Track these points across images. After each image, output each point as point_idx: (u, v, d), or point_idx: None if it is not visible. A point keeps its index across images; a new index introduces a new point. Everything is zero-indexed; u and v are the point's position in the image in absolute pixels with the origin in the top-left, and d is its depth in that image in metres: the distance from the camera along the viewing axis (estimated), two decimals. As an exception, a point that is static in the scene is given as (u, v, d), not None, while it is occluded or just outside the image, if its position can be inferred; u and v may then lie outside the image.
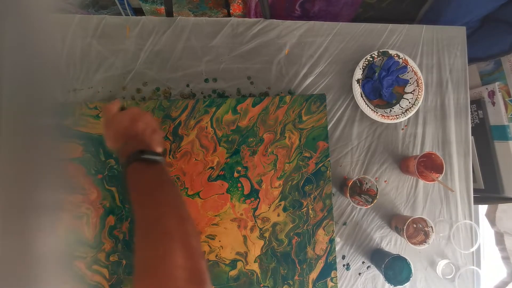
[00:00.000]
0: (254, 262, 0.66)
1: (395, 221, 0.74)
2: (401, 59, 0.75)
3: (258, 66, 0.74)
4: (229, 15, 1.10)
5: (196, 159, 0.65)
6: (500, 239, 0.97)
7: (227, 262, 0.65)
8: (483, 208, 1.02)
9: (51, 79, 0.29)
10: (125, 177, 0.44)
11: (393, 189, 0.77)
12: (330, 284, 0.68)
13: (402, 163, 0.76)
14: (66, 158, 0.61)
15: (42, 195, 0.27)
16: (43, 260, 0.26)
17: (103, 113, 0.54)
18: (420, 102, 0.75)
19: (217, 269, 0.65)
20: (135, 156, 0.44)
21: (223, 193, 0.66)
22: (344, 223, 0.74)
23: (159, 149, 0.51)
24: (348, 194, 0.67)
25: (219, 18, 0.74)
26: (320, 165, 0.69)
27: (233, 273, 0.65)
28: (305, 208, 0.68)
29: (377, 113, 0.73)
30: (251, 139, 0.67)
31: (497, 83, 0.89)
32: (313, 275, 0.67)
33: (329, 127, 0.74)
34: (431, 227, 0.68)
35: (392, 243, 0.76)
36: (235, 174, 0.66)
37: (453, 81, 0.81)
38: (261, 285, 0.66)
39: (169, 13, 0.73)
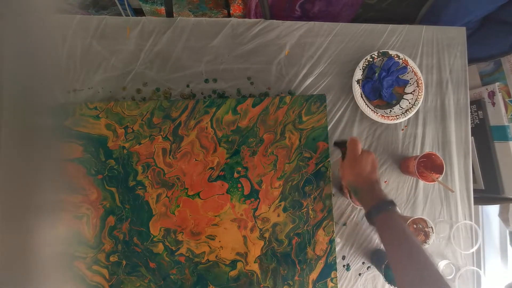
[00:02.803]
0: (254, 262, 0.66)
1: (395, 222, 0.73)
2: (401, 60, 0.75)
3: (258, 66, 0.74)
4: (229, 15, 1.10)
5: (196, 160, 0.65)
6: None
7: (227, 262, 0.65)
8: (494, 209, 1.02)
9: (51, 79, 0.29)
10: (373, 223, 0.55)
11: (393, 189, 0.77)
12: (330, 284, 0.68)
13: (402, 163, 0.76)
14: (66, 158, 0.61)
15: (42, 195, 0.27)
16: (43, 260, 0.26)
17: (350, 148, 0.62)
18: (420, 102, 0.75)
19: (217, 269, 0.65)
20: (385, 205, 0.54)
21: (223, 194, 0.66)
22: (344, 224, 0.74)
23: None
24: (348, 195, 0.67)
25: (219, 18, 0.74)
26: (320, 166, 0.69)
27: (233, 273, 0.65)
28: (305, 209, 0.68)
29: (377, 113, 0.73)
30: (251, 139, 0.67)
31: (497, 84, 0.89)
32: (313, 275, 0.67)
33: (329, 128, 0.74)
34: (431, 227, 0.68)
35: (392, 243, 0.76)
36: (235, 175, 0.66)
37: (453, 81, 0.81)
38: (261, 285, 0.66)
39: (169, 14, 0.73)
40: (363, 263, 0.74)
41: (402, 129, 0.78)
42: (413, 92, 0.76)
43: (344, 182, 0.65)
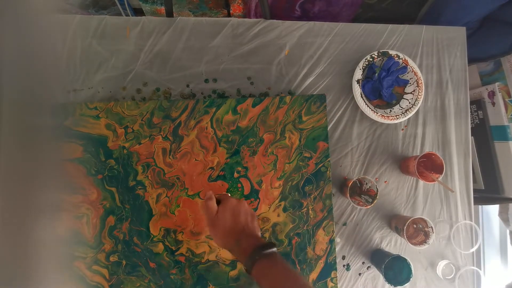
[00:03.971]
0: (254, 262, 0.66)
1: (395, 222, 0.73)
2: (401, 60, 0.75)
3: (258, 66, 0.74)
4: (229, 15, 1.10)
5: (196, 160, 0.65)
6: None
7: (227, 262, 0.65)
8: (494, 208, 1.02)
9: (51, 79, 0.29)
10: (253, 276, 0.48)
11: (393, 189, 0.77)
12: (330, 284, 0.68)
13: (402, 163, 0.76)
14: (66, 158, 0.61)
15: (42, 195, 0.27)
16: (43, 260, 0.26)
17: (206, 212, 0.56)
18: (420, 102, 0.75)
19: (217, 269, 0.65)
20: (256, 254, 0.48)
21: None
22: (344, 224, 0.74)
23: (259, 233, 0.55)
24: (348, 195, 0.67)
25: (219, 18, 0.74)
26: (320, 166, 0.69)
27: (233, 273, 0.65)
28: (305, 209, 0.68)
29: (377, 113, 0.73)
30: (251, 139, 0.67)
31: (497, 84, 0.89)
32: (313, 275, 0.67)
33: (329, 128, 0.74)
34: (431, 227, 0.68)
35: (392, 243, 0.76)
36: (235, 175, 0.66)
37: (453, 81, 0.81)
38: (261, 285, 0.66)
39: (169, 14, 0.73)
40: (363, 263, 0.74)
41: (402, 129, 0.78)
42: (413, 92, 0.76)
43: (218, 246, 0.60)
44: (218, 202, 0.56)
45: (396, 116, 0.74)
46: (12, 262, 0.24)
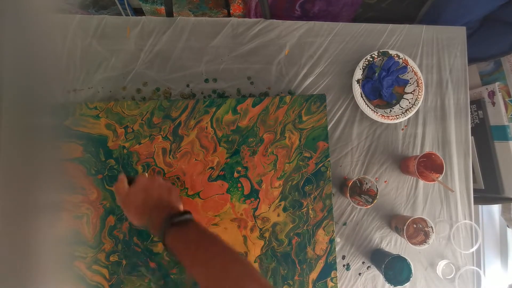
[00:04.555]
0: (254, 262, 0.66)
1: (395, 221, 0.74)
2: (401, 59, 0.75)
3: (258, 66, 0.74)
4: (229, 15, 1.10)
5: (196, 159, 0.65)
6: None
7: (227, 262, 0.65)
8: (494, 208, 1.02)
9: (51, 79, 0.29)
10: (168, 248, 0.45)
11: (393, 189, 0.77)
12: (330, 284, 0.68)
13: (402, 163, 0.76)
14: (66, 158, 0.61)
15: (42, 195, 0.27)
16: (43, 260, 0.26)
17: (116, 194, 0.55)
18: (420, 102, 0.75)
19: (217, 269, 0.65)
20: (166, 225, 0.45)
21: (223, 193, 0.66)
22: (344, 223, 0.74)
23: (181, 206, 0.52)
24: (348, 194, 0.67)
25: (219, 18, 0.74)
26: (320, 165, 0.69)
27: (233, 273, 0.65)
28: (305, 208, 0.68)
29: (377, 113, 0.73)
30: (251, 139, 0.67)
31: (497, 83, 0.89)
32: (313, 275, 0.67)
33: (329, 127, 0.74)
34: (431, 227, 0.68)
35: (392, 243, 0.76)
36: (235, 174, 0.66)
37: (453, 81, 0.81)
38: (261, 285, 0.66)
39: (169, 13, 0.73)
40: (363, 262, 0.74)
41: (402, 129, 0.78)
42: (413, 92, 0.76)
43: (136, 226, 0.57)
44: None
45: (396, 116, 0.74)
46: (12, 261, 0.24)
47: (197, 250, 0.42)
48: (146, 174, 0.62)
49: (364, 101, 0.73)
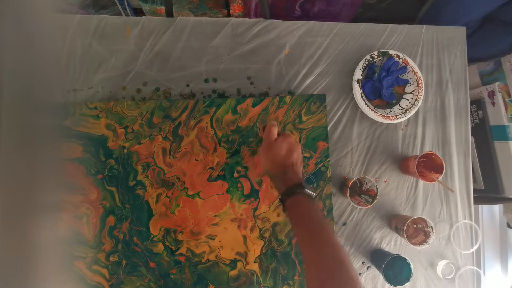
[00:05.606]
0: (254, 262, 0.66)
1: (395, 221, 0.74)
2: (401, 59, 0.75)
3: (258, 66, 0.74)
4: (229, 15, 1.10)
5: (196, 159, 0.65)
6: None
7: (227, 262, 0.65)
8: (494, 208, 1.02)
9: (51, 79, 0.29)
10: (285, 207, 0.53)
11: (393, 189, 0.77)
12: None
13: (402, 163, 0.76)
14: (66, 158, 0.61)
15: (42, 195, 0.27)
16: (43, 260, 0.26)
17: (265, 136, 0.59)
18: (420, 102, 0.75)
19: (217, 269, 0.65)
20: (297, 189, 0.52)
21: (223, 193, 0.66)
22: (344, 223, 0.74)
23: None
24: (348, 194, 0.67)
25: (219, 18, 0.74)
26: (320, 165, 0.69)
27: (233, 273, 0.65)
28: (305, 208, 0.68)
29: (377, 113, 0.73)
30: (251, 139, 0.67)
31: (497, 83, 0.89)
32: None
33: (329, 127, 0.74)
34: (431, 227, 0.68)
35: (392, 243, 0.76)
36: (235, 174, 0.66)
37: (453, 81, 0.81)
38: (261, 285, 0.66)
39: (169, 13, 0.73)
40: (363, 263, 0.74)
41: (402, 129, 0.78)
42: (413, 92, 0.76)
43: (259, 170, 0.63)
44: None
45: (396, 116, 0.74)
46: (12, 261, 0.24)
47: (309, 226, 0.49)
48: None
49: (364, 101, 0.73)
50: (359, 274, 0.73)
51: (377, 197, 0.67)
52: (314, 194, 0.54)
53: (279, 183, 0.55)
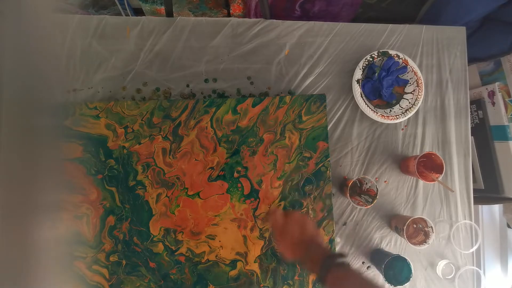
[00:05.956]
0: (254, 262, 0.66)
1: (395, 221, 0.74)
2: (401, 59, 0.75)
3: (258, 66, 0.74)
4: (229, 15, 1.10)
5: (196, 159, 0.65)
6: None
7: (227, 262, 0.65)
8: (494, 208, 1.02)
9: (51, 79, 0.29)
10: (325, 283, 0.50)
11: (393, 189, 0.77)
12: None
13: (402, 163, 0.76)
14: (66, 158, 0.61)
15: (42, 195, 0.27)
16: (43, 260, 0.26)
17: (271, 226, 0.61)
18: (420, 102, 0.75)
19: (217, 269, 0.65)
20: (330, 263, 0.50)
21: (223, 193, 0.66)
22: (344, 223, 0.74)
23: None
24: (348, 194, 0.67)
25: (219, 18, 0.74)
26: (320, 165, 0.69)
27: (233, 273, 0.65)
28: (305, 208, 0.68)
29: (377, 113, 0.73)
30: (251, 139, 0.67)
31: (497, 83, 0.89)
32: (313, 275, 0.67)
33: (329, 127, 0.74)
34: (431, 227, 0.68)
35: (392, 243, 0.76)
36: (235, 174, 0.66)
37: (453, 81, 0.81)
38: (261, 285, 0.66)
39: (169, 13, 0.73)
40: (363, 263, 0.74)
41: (402, 129, 0.78)
42: (413, 92, 0.76)
43: (287, 260, 0.63)
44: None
45: (396, 116, 0.74)
46: (12, 261, 0.24)
47: None
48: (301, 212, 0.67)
49: (364, 101, 0.73)
50: (359, 274, 0.73)
51: (377, 197, 0.67)
52: (346, 258, 0.53)
53: (308, 265, 0.54)
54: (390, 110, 0.76)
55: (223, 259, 0.65)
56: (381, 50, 0.75)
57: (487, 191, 0.92)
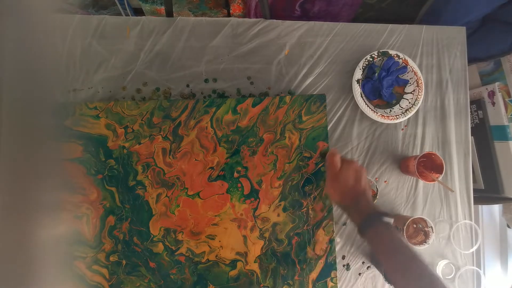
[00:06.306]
0: (254, 262, 0.66)
1: (395, 221, 0.74)
2: (401, 59, 0.75)
3: (258, 66, 0.74)
4: (229, 15, 1.10)
5: (196, 159, 0.65)
6: None
7: (227, 262, 0.65)
8: (494, 208, 1.02)
9: (51, 79, 0.29)
10: (365, 236, 0.53)
11: (393, 189, 0.77)
12: (330, 284, 0.68)
13: (402, 163, 0.76)
14: (66, 158, 0.61)
15: (42, 195, 0.27)
16: (43, 260, 0.26)
17: (327, 167, 0.60)
18: (420, 102, 0.75)
19: (217, 269, 0.65)
20: (376, 218, 0.52)
21: (223, 193, 0.66)
22: (344, 223, 0.74)
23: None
24: (348, 194, 0.67)
25: (219, 18, 0.74)
26: (320, 165, 0.69)
27: (233, 273, 0.65)
28: (305, 208, 0.68)
29: (377, 113, 0.73)
30: (251, 139, 0.67)
31: (497, 83, 0.89)
32: (313, 275, 0.67)
33: (329, 127, 0.74)
34: (431, 227, 0.68)
35: (392, 243, 0.76)
36: (235, 174, 0.66)
37: (453, 81, 0.81)
38: (261, 285, 0.66)
39: (169, 13, 0.73)
40: (363, 262, 0.74)
41: (402, 129, 0.78)
42: (413, 92, 0.76)
43: (332, 202, 0.63)
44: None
45: (396, 116, 0.74)
46: (12, 261, 0.24)
47: (401, 258, 0.49)
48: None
49: (364, 101, 0.73)
50: (359, 274, 0.73)
51: (377, 197, 0.67)
52: (391, 220, 0.54)
53: (353, 214, 0.55)
54: (390, 110, 0.76)
55: (223, 259, 0.65)
56: (381, 50, 0.75)
57: (487, 191, 0.93)
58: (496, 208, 1.05)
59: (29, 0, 0.26)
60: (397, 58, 0.75)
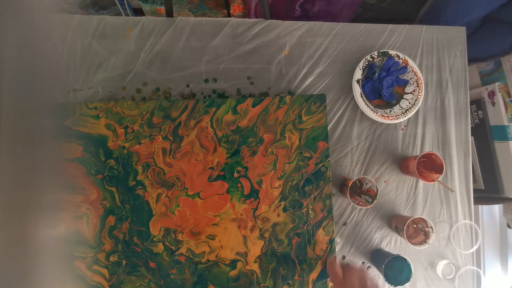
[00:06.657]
0: (254, 262, 0.66)
1: (395, 221, 0.74)
2: (401, 60, 0.75)
3: (258, 66, 0.74)
4: (229, 15, 1.10)
5: (196, 159, 0.65)
6: None
7: (227, 262, 0.65)
8: (494, 208, 1.02)
9: (51, 79, 0.29)
10: None
11: (393, 189, 0.77)
12: (330, 284, 0.68)
13: (402, 163, 0.76)
14: (66, 158, 0.61)
15: (42, 195, 0.27)
16: (43, 260, 0.26)
17: (332, 276, 0.62)
18: (420, 102, 0.75)
19: (217, 269, 0.65)
20: None
21: (223, 193, 0.66)
22: (344, 224, 0.74)
23: None
24: (348, 195, 0.67)
25: (219, 18, 0.74)
26: (320, 165, 0.69)
27: (233, 273, 0.65)
28: (305, 209, 0.68)
29: (377, 113, 0.73)
30: (251, 139, 0.67)
31: (497, 83, 0.89)
32: (313, 275, 0.67)
33: (329, 127, 0.74)
34: (431, 227, 0.68)
35: (392, 243, 0.76)
36: (235, 174, 0.66)
37: (453, 81, 0.81)
38: (261, 285, 0.66)
39: (169, 13, 0.73)
40: (363, 263, 0.74)
41: (402, 129, 0.78)
42: (413, 92, 0.76)
43: None
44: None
45: (396, 116, 0.74)
46: (12, 261, 0.24)
47: None
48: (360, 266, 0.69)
49: (364, 101, 0.73)
50: (359, 274, 0.73)
51: (377, 197, 0.67)
52: None
53: None
54: (390, 110, 0.76)
55: (223, 259, 0.65)
56: (381, 50, 0.75)
57: (487, 191, 0.93)
58: (496, 208, 1.05)
59: (29, 0, 0.26)
60: (397, 58, 0.75)
